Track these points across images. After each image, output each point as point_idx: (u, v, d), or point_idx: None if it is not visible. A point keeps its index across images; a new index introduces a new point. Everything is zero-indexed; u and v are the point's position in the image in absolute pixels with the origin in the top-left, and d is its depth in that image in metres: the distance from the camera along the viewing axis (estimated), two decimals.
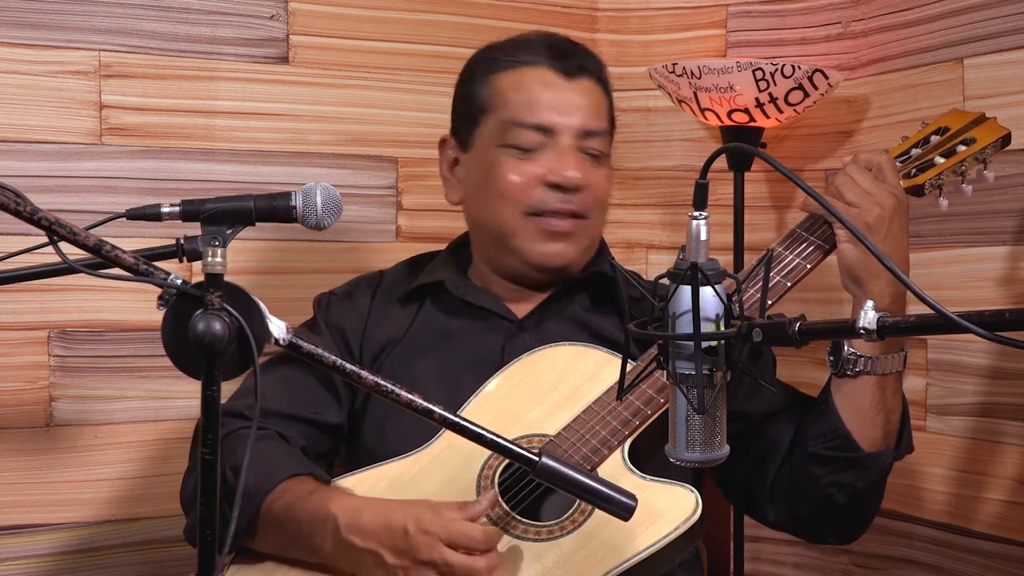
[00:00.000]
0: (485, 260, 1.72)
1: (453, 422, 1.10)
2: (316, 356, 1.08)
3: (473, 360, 1.62)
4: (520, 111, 1.62)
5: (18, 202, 1.02)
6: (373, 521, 1.36)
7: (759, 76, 2.02)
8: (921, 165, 1.59)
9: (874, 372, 1.47)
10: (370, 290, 1.74)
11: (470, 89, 1.69)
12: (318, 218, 1.19)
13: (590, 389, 1.51)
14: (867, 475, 1.51)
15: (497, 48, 1.71)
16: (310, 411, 1.61)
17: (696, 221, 1.01)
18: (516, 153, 1.62)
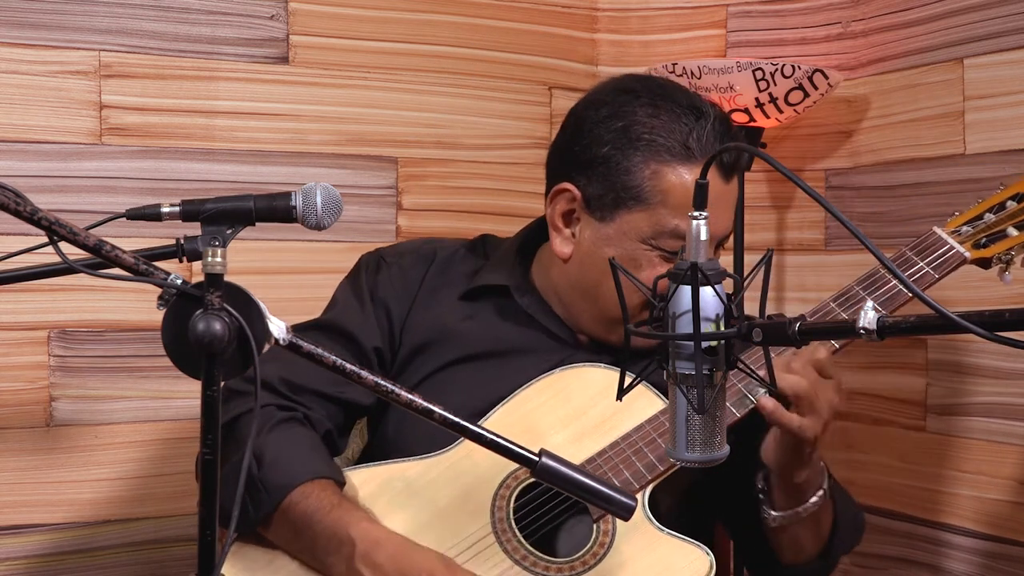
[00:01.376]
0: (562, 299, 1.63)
1: (453, 422, 1.10)
2: (316, 356, 1.08)
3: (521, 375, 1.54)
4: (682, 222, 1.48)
5: (18, 202, 1.02)
6: (389, 562, 1.35)
7: (759, 76, 2.02)
8: (992, 235, 1.47)
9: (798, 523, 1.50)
10: (423, 267, 1.66)
11: (627, 164, 1.51)
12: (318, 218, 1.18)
13: (620, 420, 1.46)
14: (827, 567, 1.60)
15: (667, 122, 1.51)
16: (339, 389, 1.56)
17: (696, 221, 1.01)
18: (664, 255, 1.51)
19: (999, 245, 1.45)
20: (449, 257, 1.69)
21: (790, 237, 2.30)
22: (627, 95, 1.55)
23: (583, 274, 1.58)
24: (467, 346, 1.60)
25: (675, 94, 1.55)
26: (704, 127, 1.50)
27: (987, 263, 1.46)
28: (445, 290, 1.65)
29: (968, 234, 1.48)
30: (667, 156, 1.50)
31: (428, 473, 1.48)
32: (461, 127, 2.22)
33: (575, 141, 1.58)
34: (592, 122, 1.56)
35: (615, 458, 1.44)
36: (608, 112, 1.55)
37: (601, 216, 1.54)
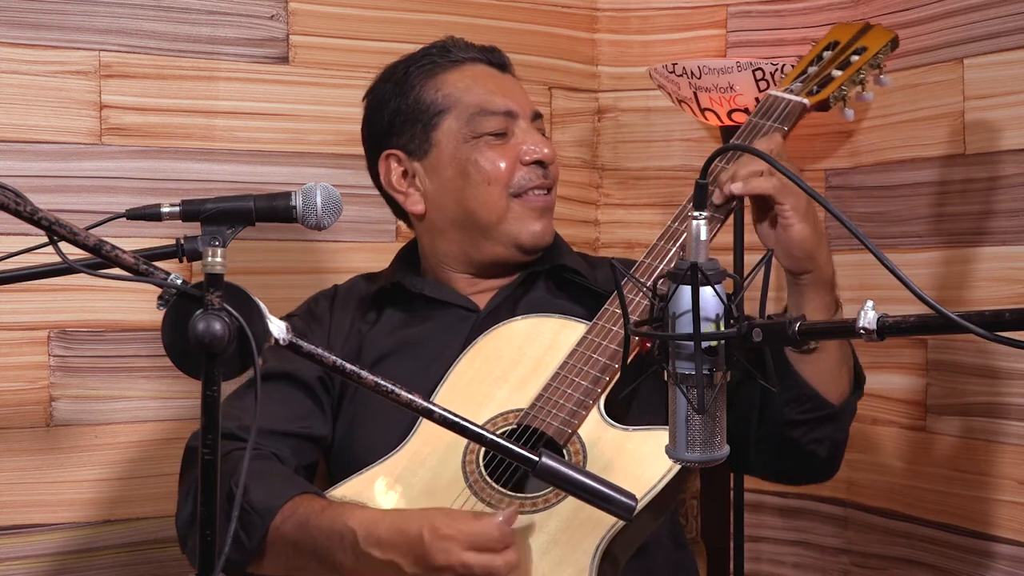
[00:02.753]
0: (449, 260, 1.73)
1: (453, 422, 1.10)
2: (316, 356, 1.08)
3: (440, 355, 1.62)
4: (484, 101, 1.67)
5: (18, 202, 1.02)
6: (390, 532, 1.36)
7: (759, 76, 2.02)
8: (820, 81, 1.66)
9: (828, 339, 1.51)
10: (327, 302, 1.75)
11: (411, 98, 1.70)
12: (318, 218, 1.18)
13: (553, 356, 1.52)
14: (842, 425, 1.57)
15: (421, 56, 1.73)
16: (299, 426, 1.60)
17: (696, 221, 1.01)
18: (491, 140, 1.66)
19: (829, 87, 1.65)
20: (349, 287, 1.79)
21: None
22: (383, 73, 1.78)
23: (443, 211, 1.70)
24: (381, 345, 1.67)
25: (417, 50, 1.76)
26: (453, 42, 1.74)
27: (826, 105, 1.65)
28: (352, 312, 1.72)
29: (799, 88, 1.66)
30: (435, 69, 1.71)
31: (394, 469, 1.50)
32: None
33: (369, 127, 1.77)
34: (371, 106, 1.76)
35: (560, 386, 1.49)
36: (377, 87, 1.76)
37: (424, 153, 1.70)
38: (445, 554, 1.31)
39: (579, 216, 2.37)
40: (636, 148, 2.37)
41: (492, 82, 1.70)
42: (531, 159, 1.66)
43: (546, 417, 1.46)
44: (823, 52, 1.70)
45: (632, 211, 2.39)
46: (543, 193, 1.68)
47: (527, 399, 1.50)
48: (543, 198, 1.69)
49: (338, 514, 1.41)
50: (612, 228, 2.40)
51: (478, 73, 1.71)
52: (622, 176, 2.37)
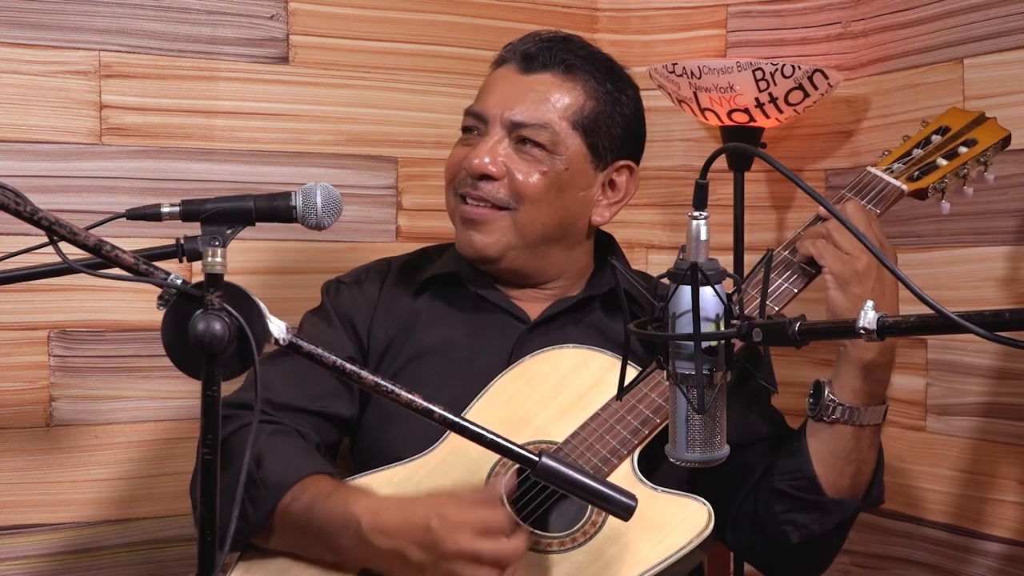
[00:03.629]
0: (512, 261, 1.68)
1: (453, 422, 1.11)
2: (316, 356, 1.08)
3: (481, 360, 1.60)
4: (474, 102, 1.68)
5: (18, 202, 1.02)
6: (395, 519, 1.36)
7: (759, 76, 2.02)
8: (923, 168, 1.58)
9: (851, 423, 1.48)
10: (380, 279, 1.73)
11: None
12: (318, 218, 1.18)
13: (596, 394, 1.50)
14: (825, 520, 1.51)
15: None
16: (321, 404, 1.60)
17: (696, 221, 1.01)
18: (464, 138, 1.68)
19: (932, 176, 1.57)
20: (404, 264, 1.76)
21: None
22: None
23: None
24: (425, 338, 1.65)
25: None
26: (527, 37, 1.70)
27: (923, 194, 1.57)
28: (403, 295, 1.70)
29: (900, 170, 1.58)
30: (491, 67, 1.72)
31: (416, 474, 1.49)
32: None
33: None
34: None
35: (599, 428, 1.47)
36: None
37: None
38: (454, 541, 1.31)
39: None
40: None
41: (496, 84, 1.68)
42: (467, 167, 1.62)
43: (579, 457, 1.44)
44: (932, 135, 1.62)
45: (632, 211, 2.38)
46: (473, 204, 1.63)
47: (563, 433, 1.47)
48: (470, 209, 1.63)
49: (344, 500, 1.41)
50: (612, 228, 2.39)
51: (498, 75, 1.69)
52: None
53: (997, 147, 1.62)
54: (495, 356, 1.60)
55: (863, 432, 1.48)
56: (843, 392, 1.48)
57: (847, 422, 1.47)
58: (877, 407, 1.49)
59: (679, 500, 1.41)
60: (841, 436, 1.48)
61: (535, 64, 1.66)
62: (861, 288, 1.46)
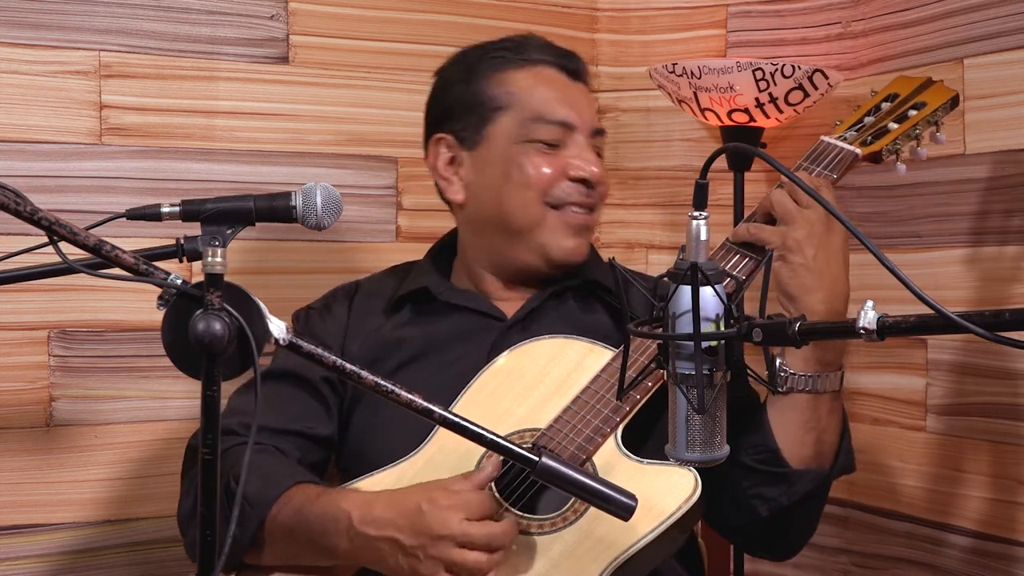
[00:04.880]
0: (482, 258, 1.71)
1: (453, 422, 1.11)
2: (316, 356, 1.08)
3: (463, 363, 1.61)
4: (543, 107, 1.64)
5: (18, 202, 1.02)
6: (386, 509, 1.37)
7: (759, 76, 2.02)
8: (876, 132, 1.63)
9: (805, 390, 1.48)
10: (347, 300, 1.74)
11: (474, 87, 1.68)
12: (318, 218, 1.18)
13: (576, 380, 1.51)
14: (792, 491, 1.51)
15: (497, 48, 1.71)
16: (301, 425, 1.61)
17: (696, 221, 1.01)
18: (541, 147, 1.64)
19: (884, 139, 1.61)
20: (372, 285, 1.77)
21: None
22: (459, 52, 1.76)
23: (481, 205, 1.68)
24: (402, 352, 1.65)
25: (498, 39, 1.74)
26: (531, 40, 1.71)
27: (878, 157, 1.61)
28: (373, 313, 1.71)
29: (854, 137, 1.62)
30: (505, 64, 1.68)
31: (405, 475, 1.49)
32: None
33: (430, 106, 1.76)
34: (438, 84, 1.76)
35: (580, 411, 1.48)
36: (447, 68, 1.75)
37: (474, 144, 1.68)
38: (445, 524, 1.32)
39: None
40: (636, 148, 2.37)
41: (558, 89, 1.67)
42: (576, 175, 1.63)
43: (562, 440, 1.45)
44: (882, 103, 1.67)
45: (632, 211, 2.39)
46: (582, 212, 1.65)
47: (546, 420, 1.49)
48: (581, 216, 1.66)
49: (332, 499, 1.42)
50: (612, 228, 2.40)
51: (546, 77, 1.68)
52: (622, 176, 2.37)
53: (946, 107, 1.67)
54: (475, 357, 1.61)
55: (820, 399, 1.49)
56: (794, 362, 1.48)
57: (801, 390, 1.48)
58: (833, 374, 1.49)
59: (665, 469, 1.42)
60: (797, 405, 1.49)
61: (579, 73, 1.71)
62: (802, 256, 1.47)
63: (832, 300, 1.47)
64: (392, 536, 1.35)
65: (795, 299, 1.47)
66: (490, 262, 1.71)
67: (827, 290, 1.47)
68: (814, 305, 1.46)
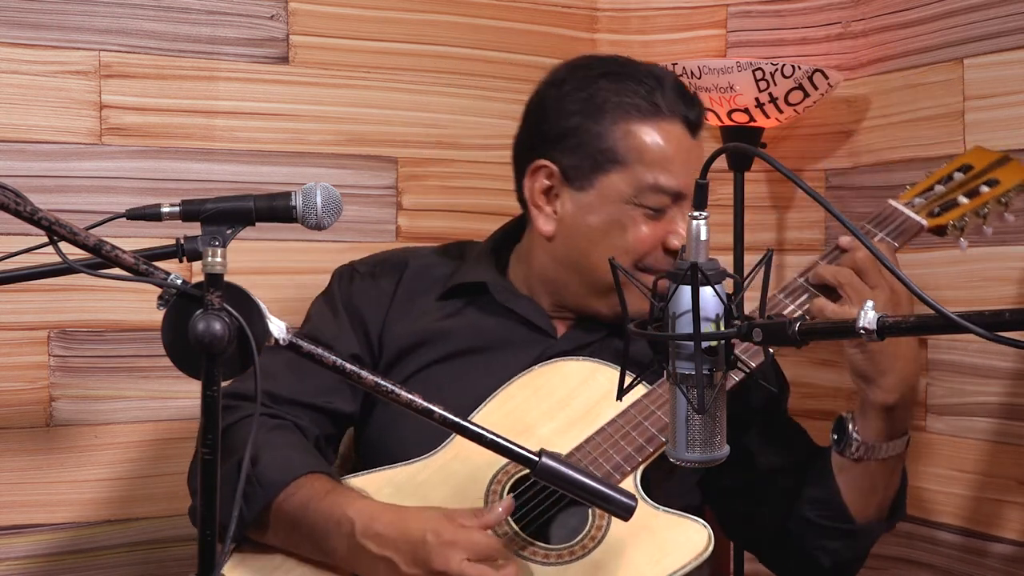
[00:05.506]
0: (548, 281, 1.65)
1: (453, 422, 1.11)
2: (316, 356, 1.08)
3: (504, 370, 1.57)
4: (660, 176, 1.55)
5: (18, 202, 1.02)
6: (389, 528, 1.36)
7: (759, 76, 2.02)
8: (944, 204, 1.58)
9: (875, 458, 1.49)
10: (395, 276, 1.69)
11: (597, 129, 1.57)
12: (318, 218, 1.18)
13: (603, 409, 1.48)
14: (856, 546, 1.53)
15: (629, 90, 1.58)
16: (323, 399, 1.59)
17: (696, 221, 1.01)
18: (649, 213, 1.56)
19: (952, 213, 1.56)
20: (423, 264, 1.72)
21: (790, 237, 2.30)
22: (584, 69, 1.63)
23: (570, 248, 1.62)
24: (448, 344, 1.63)
25: (630, 63, 1.63)
26: (665, 86, 1.59)
27: (943, 230, 1.56)
28: (422, 295, 1.67)
29: (922, 205, 1.58)
30: (636, 114, 1.57)
31: (417, 476, 1.48)
32: (461, 127, 2.22)
33: (542, 120, 1.63)
34: (556, 99, 1.62)
35: (603, 443, 1.46)
36: (570, 86, 1.61)
37: (580, 186, 1.60)
38: (445, 560, 1.31)
39: None
40: None
41: (679, 155, 1.57)
42: (673, 247, 1.57)
43: None
44: (954, 173, 1.61)
45: None
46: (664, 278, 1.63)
47: (568, 444, 1.46)
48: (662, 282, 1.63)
49: (339, 501, 1.41)
50: None
51: (672, 137, 1.57)
52: None
53: (1019, 188, 1.60)
54: (516, 368, 1.57)
55: (887, 463, 1.50)
56: (867, 431, 1.48)
57: (872, 458, 1.49)
58: (899, 439, 1.50)
59: (680, 521, 1.40)
60: (868, 471, 1.50)
61: (700, 126, 1.62)
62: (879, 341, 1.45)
63: (905, 380, 1.46)
64: (390, 558, 1.34)
65: (870, 381, 1.46)
66: (553, 288, 1.65)
67: (900, 371, 1.46)
68: (888, 386, 1.45)
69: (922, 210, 1.57)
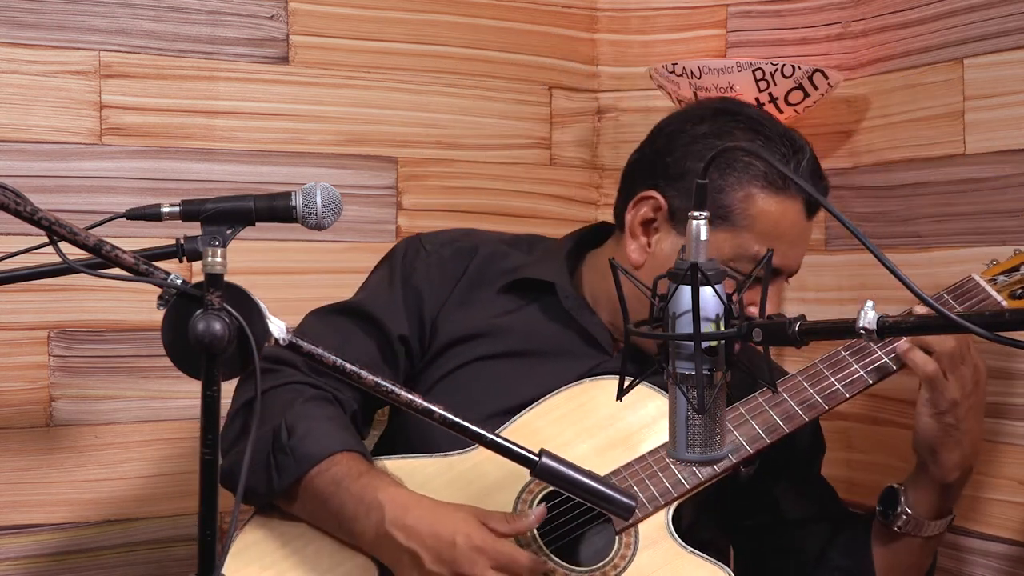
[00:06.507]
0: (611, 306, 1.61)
1: (453, 422, 1.10)
2: (316, 356, 1.08)
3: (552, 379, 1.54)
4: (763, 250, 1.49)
5: (18, 202, 1.02)
6: (420, 522, 1.35)
7: (759, 76, 2.02)
8: None
9: (919, 535, 1.49)
10: (464, 260, 1.65)
11: (721, 183, 1.52)
12: (318, 218, 1.18)
13: (646, 435, 1.47)
14: None
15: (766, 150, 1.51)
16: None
17: (696, 221, 1.01)
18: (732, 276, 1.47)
19: None
20: (491, 252, 1.67)
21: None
22: (727, 116, 1.56)
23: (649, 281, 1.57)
24: (502, 342, 1.59)
25: (773, 124, 1.56)
26: (800, 160, 1.52)
27: None
28: (485, 286, 1.63)
29: (1004, 283, 1.53)
30: (763, 182, 1.51)
31: (448, 472, 1.47)
32: (461, 127, 2.22)
33: (668, 152, 1.57)
34: (689, 136, 1.56)
35: (641, 472, 1.44)
36: (708, 129, 1.55)
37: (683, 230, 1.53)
38: (472, 566, 1.31)
39: (579, 216, 2.37)
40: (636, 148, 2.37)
41: (790, 234, 1.53)
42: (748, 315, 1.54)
43: None
44: None
45: None
46: None
47: (605, 467, 1.44)
48: None
49: (371, 485, 1.39)
50: None
51: (788, 217, 1.52)
52: None
53: None
54: (566, 378, 1.54)
55: (929, 542, 1.51)
56: (920, 508, 1.49)
57: (916, 534, 1.49)
58: (944, 519, 1.51)
59: (704, 564, 1.40)
60: (909, 548, 1.50)
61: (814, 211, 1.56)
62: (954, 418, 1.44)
63: (969, 457, 1.47)
64: (416, 551, 1.34)
65: (936, 454, 1.47)
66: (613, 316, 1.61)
67: (967, 447, 1.46)
68: (953, 461, 1.46)
69: (1004, 289, 1.53)
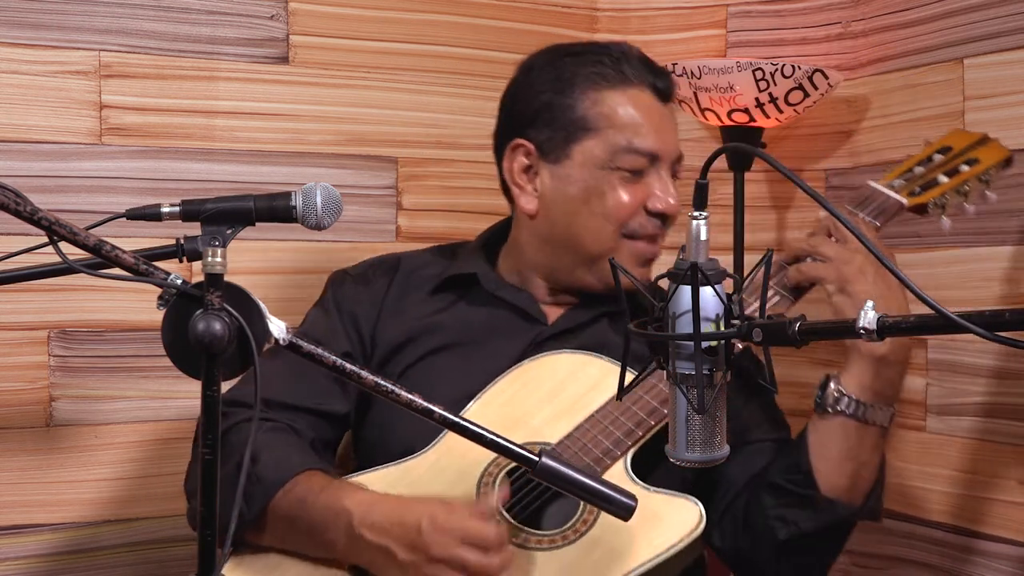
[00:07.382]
0: (538, 264, 1.69)
1: (454, 422, 1.11)
2: (316, 356, 1.08)
3: (494, 359, 1.60)
4: (634, 137, 1.59)
5: (18, 202, 1.02)
6: (386, 517, 1.37)
7: (759, 76, 2.02)
8: (924, 184, 1.60)
9: (855, 417, 1.47)
10: (387, 277, 1.73)
11: (567, 101, 1.62)
12: (318, 218, 1.18)
13: (592, 398, 1.51)
14: (815, 518, 1.49)
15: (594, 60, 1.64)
16: (315, 402, 1.61)
17: (696, 221, 1.01)
18: (625, 176, 1.60)
19: (932, 192, 1.59)
20: (416, 263, 1.76)
21: (790, 237, 2.30)
22: (550, 53, 1.69)
23: (553, 222, 1.65)
24: (439, 337, 1.65)
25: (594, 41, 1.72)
26: (630, 55, 1.65)
27: (923, 209, 1.59)
28: (414, 292, 1.70)
29: (902, 185, 1.62)
30: (603, 82, 1.62)
31: (410, 473, 1.50)
32: (461, 127, 2.22)
33: (514, 104, 1.69)
34: (525, 82, 1.68)
35: (592, 430, 1.48)
36: (538, 68, 1.67)
37: (556, 158, 1.63)
38: (442, 547, 1.32)
39: None
40: None
41: (650, 117, 1.62)
42: (655, 209, 1.61)
43: (572, 457, 1.44)
44: (934, 154, 1.64)
45: None
46: (653, 244, 1.64)
47: (558, 434, 1.49)
48: (652, 248, 1.65)
49: (337, 494, 1.42)
50: None
51: (640, 102, 1.62)
52: None
53: (999, 167, 1.63)
54: (508, 354, 1.61)
55: (867, 431, 1.48)
56: (850, 384, 1.48)
57: (851, 416, 1.47)
58: (884, 408, 1.48)
59: (671, 499, 1.42)
60: (843, 431, 1.47)
61: (669, 94, 1.66)
62: (862, 286, 1.47)
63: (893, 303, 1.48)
64: (387, 546, 1.35)
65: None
66: (545, 271, 1.69)
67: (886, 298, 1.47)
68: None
69: (902, 190, 1.60)
